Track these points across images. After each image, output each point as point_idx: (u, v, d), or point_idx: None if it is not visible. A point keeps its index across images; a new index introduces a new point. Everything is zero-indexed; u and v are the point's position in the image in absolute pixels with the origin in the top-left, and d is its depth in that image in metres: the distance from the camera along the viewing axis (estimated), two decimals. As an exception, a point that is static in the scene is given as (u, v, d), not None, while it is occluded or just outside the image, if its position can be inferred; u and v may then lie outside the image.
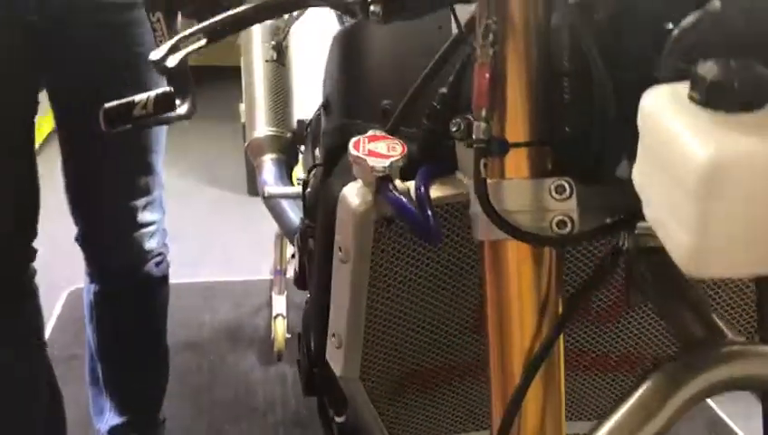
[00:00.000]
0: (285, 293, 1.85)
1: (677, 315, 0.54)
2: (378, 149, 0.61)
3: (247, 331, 1.96)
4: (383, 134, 0.63)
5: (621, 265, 0.57)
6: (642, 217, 0.52)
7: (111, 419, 1.42)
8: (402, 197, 0.60)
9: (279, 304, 1.83)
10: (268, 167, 1.48)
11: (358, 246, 0.63)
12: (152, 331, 1.41)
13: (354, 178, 0.63)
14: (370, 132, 0.63)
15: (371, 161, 0.60)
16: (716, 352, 0.50)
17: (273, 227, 1.85)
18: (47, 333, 1.91)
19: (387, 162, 0.60)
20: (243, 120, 1.61)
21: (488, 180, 0.53)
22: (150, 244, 1.27)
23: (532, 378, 0.51)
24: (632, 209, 0.52)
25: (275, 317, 1.82)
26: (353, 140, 0.61)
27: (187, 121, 0.79)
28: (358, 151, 0.60)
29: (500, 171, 0.54)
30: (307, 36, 1.56)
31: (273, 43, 1.56)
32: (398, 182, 0.61)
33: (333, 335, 0.71)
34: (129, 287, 1.32)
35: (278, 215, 1.42)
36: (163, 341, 1.44)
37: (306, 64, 1.54)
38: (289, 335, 1.85)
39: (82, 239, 1.28)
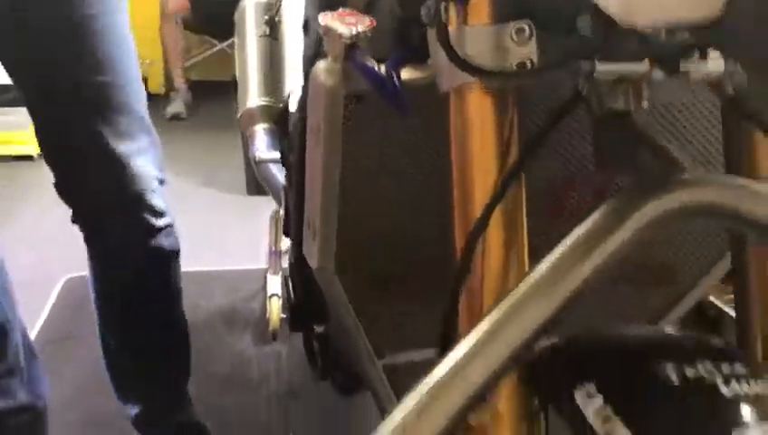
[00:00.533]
0: (280, 273, 1.85)
1: (640, 158, 0.55)
2: (346, 21, 0.62)
3: (243, 314, 1.96)
4: (352, 11, 0.64)
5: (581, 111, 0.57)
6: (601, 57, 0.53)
7: (137, 403, 1.34)
8: (371, 65, 0.61)
9: (274, 284, 1.82)
10: (260, 136, 1.51)
11: (328, 122, 0.64)
12: (165, 311, 1.30)
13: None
14: (340, 10, 0.64)
15: (339, 28, 0.61)
16: (679, 177, 0.50)
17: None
18: (42, 318, 1.93)
19: (354, 30, 0.61)
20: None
21: (450, 28, 0.54)
22: (157, 202, 1.14)
23: (492, 210, 0.51)
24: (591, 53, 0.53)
25: (270, 297, 1.82)
26: (322, 13, 0.63)
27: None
28: (326, 21, 0.62)
29: (462, 18, 0.55)
30: (299, 10, 1.59)
31: (266, 18, 1.59)
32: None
33: (309, 226, 0.72)
34: (140, 263, 1.19)
35: (268, 179, 1.44)
36: (178, 319, 1.34)
37: (298, 37, 1.57)
38: (284, 315, 1.85)
39: (79, 212, 1.16)
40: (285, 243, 1.67)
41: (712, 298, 1.88)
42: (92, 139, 1.08)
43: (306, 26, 0.88)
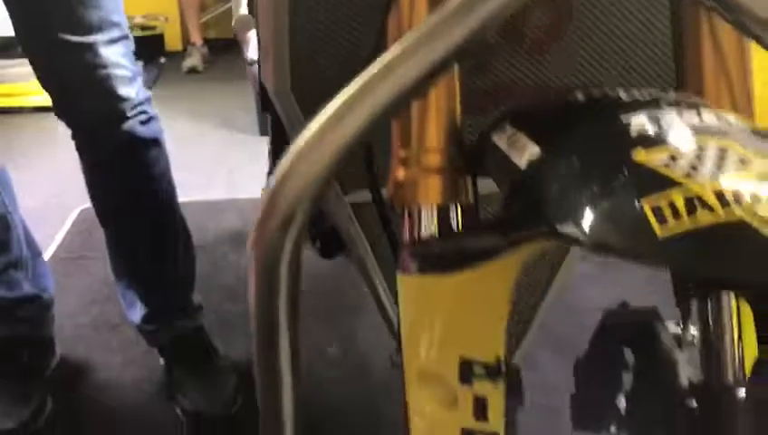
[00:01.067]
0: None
1: None
2: None
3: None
4: None
5: None
6: None
7: (142, 309, 1.36)
8: None
9: (279, 202, 1.85)
10: (254, 42, 1.53)
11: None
12: (155, 203, 1.30)
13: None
14: None
15: None
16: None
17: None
18: (57, 241, 1.99)
19: None
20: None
21: None
22: (126, 90, 1.17)
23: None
24: None
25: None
26: None
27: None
28: None
29: None
30: None
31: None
32: None
33: (264, 51, 0.73)
34: (115, 148, 1.22)
35: (254, 78, 1.46)
36: (173, 216, 1.34)
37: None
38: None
39: (55, 100, 1.20)
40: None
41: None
42: (62, 29, 1.11)
43: None
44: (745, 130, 0.40)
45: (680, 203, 0.35)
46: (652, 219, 0.35)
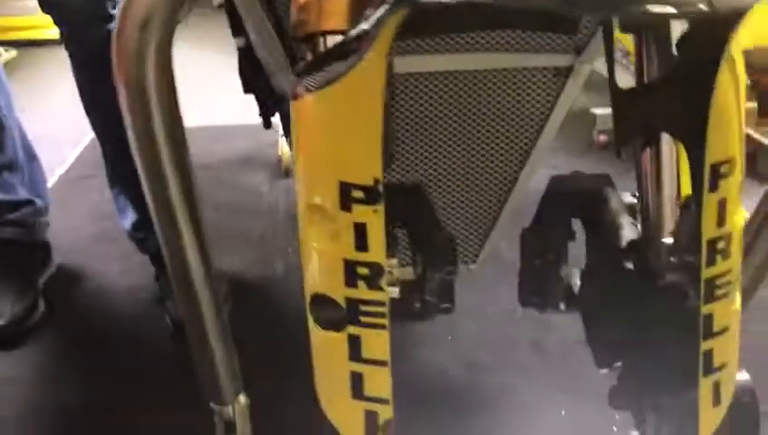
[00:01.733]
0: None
1: None
2: None
3: (260, 157, 1.98)
4: None
5: None
6: None
7: (133, 215, 1.36)
8: None
9: (287, 124, 1.82)
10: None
11: None
12: None
13: None
14: None
15: None
16: None
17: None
18: (68, 163, 2.00)
19: None
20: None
21: None
22: None
23: None
24: None
25: (283, 135, 1.83)
26: None
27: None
28: None
29: None
30: None
31: None
32: None
33: None
34: (100, 47, 1.17)
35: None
36: None
37: None
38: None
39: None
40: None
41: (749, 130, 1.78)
42: None
43: None
44: None
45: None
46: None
